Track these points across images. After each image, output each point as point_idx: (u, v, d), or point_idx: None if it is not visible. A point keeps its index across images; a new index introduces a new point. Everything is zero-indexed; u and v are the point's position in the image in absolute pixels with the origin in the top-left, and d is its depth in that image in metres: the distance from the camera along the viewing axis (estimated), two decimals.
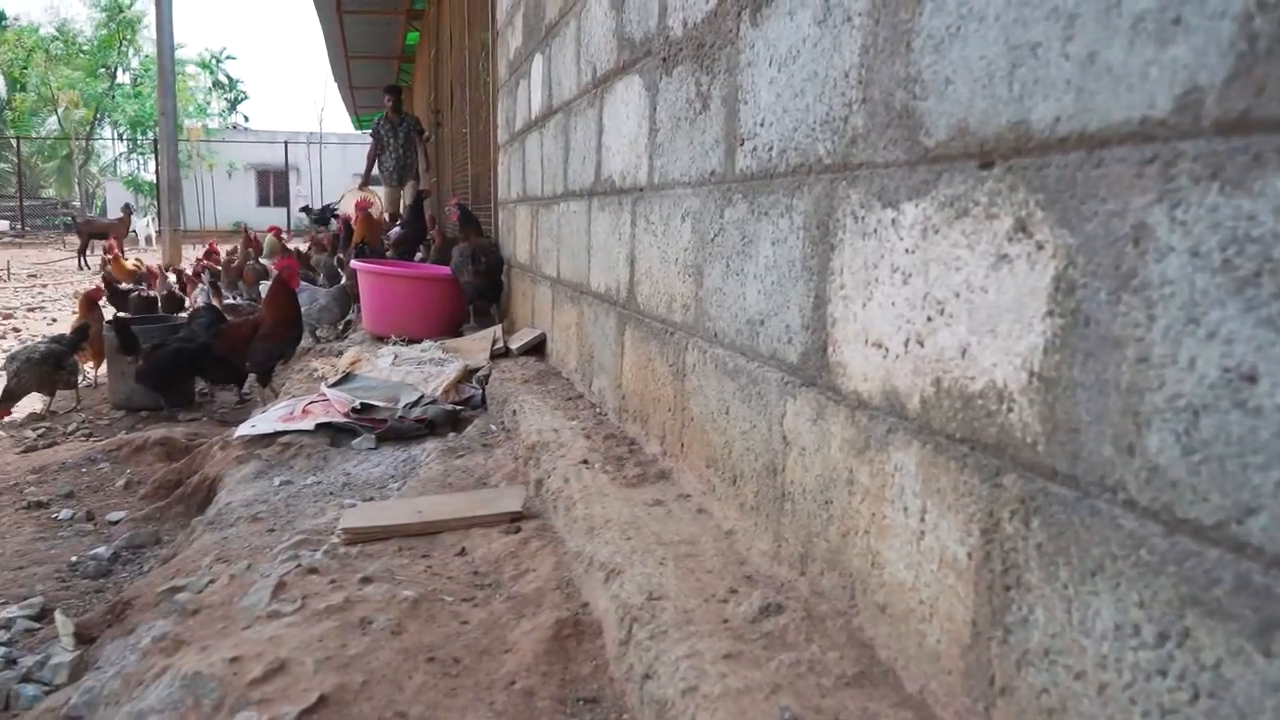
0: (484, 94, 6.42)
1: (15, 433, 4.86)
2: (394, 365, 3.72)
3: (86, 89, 33.21)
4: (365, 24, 13.72)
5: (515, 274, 4.66)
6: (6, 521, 3.28)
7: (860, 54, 1.25)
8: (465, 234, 4.91)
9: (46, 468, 3.94)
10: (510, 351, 3.94)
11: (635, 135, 2.38)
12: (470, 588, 1.77)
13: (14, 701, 1.84)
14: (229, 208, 32.69)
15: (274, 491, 2.62)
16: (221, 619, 1.72)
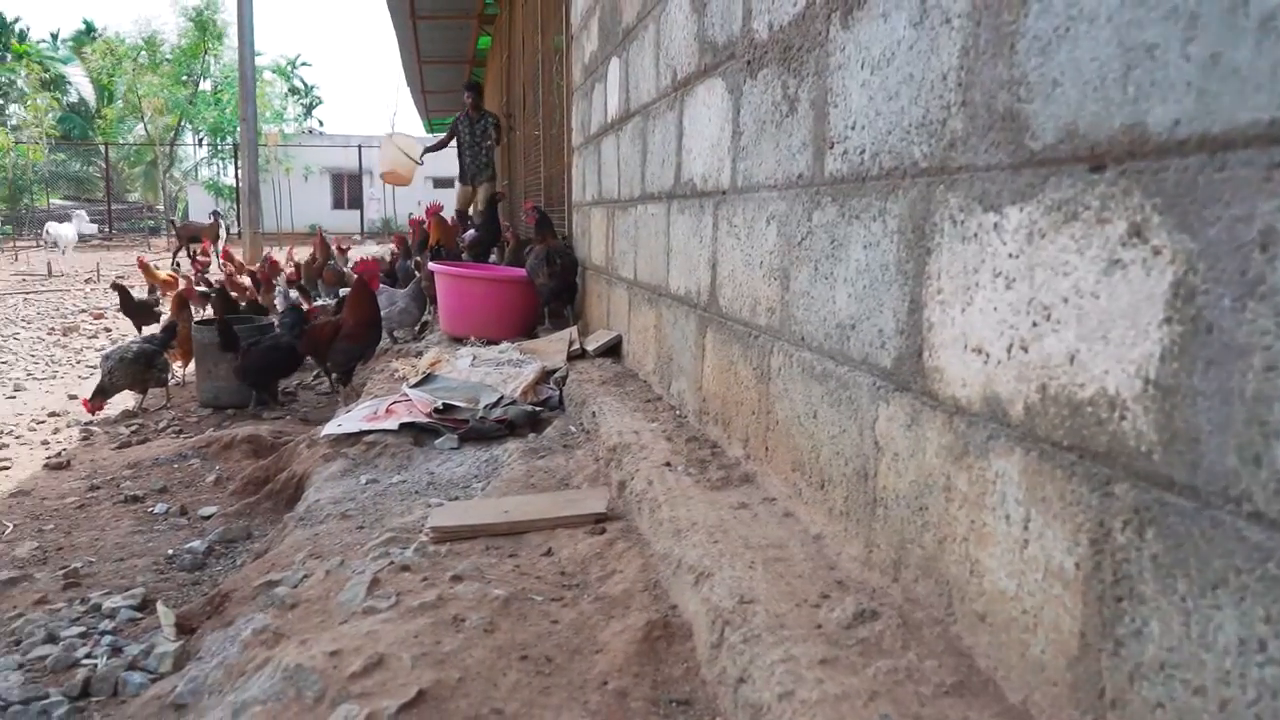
0: (557, 98, 6.48)
1: (110, 429, 5.04)
2: (473, 366, 3.78)
3: (171, 96, 34.26)
4: (438, 29, 13.94)
5: (590, 276, 4.69)
6: (106, 514, 3.41)
7: (960, 56, 1.24)
8: (541, 236, 4.96)
9: (141, 463, 4.09)
10: (586, 353, 3.97)
11: (717, 138, 2.38)
12: (558, 588, 1.80)
13: (122, 688, 1.92)
14: (305, 210, 33.44)
15: (361, 489, 2.68)
16: (319, 613, 1.77)
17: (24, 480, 4.05)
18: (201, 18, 33.90)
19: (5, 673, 1.97)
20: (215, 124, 35.20)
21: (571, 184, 5.36)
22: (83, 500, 3.64)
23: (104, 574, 2.70)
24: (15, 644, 2.19)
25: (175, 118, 34.99)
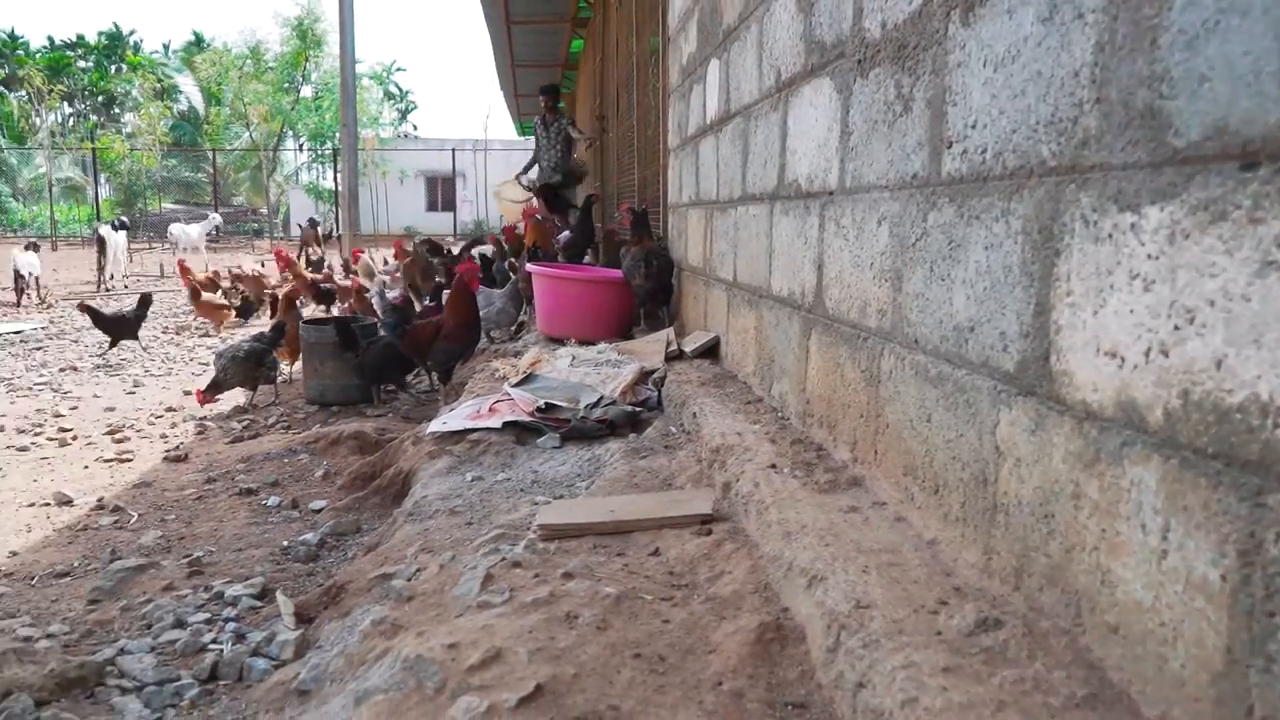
0: (652, 99, 6.51)
1: (223, 424, 5.25)
2: (572, 366, 3.82)
3: (274, 103, 35.47)
4: (532, 33, 14.13)
5: (686, 277, 4.69)
6: (223, 506, 3.55)
7: (1094, 52, 1.21)
8: (637, 237, 4.98)
9: (253, 457, 4.24)
10: (684, 354, 3.98)
11: (824, 139, 2.36)
12: (668, 587, 1.81)
13: (247, 673, 2.00)
14: (400, 213, 34.29)
15: (467, 486, 2.74)
16: (434, 606, 1.81)
17: (146, 472, 4.25)
18: (302, 27, 34.98)
19: (140, 655, 2.07)
20: (315, 129, 36.32)
21: (667, 185, 5.38)
22: (200, 492, 3.80)
23: (224, 563, 2.81)
24: (146, 628, 2.30)
25: (278, 124, 36.19)
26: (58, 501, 3.80)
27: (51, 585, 2.81)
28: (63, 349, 8.55)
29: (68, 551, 3.14)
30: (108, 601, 2.56)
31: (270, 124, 35.92)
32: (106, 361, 7.76)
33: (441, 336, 4.84)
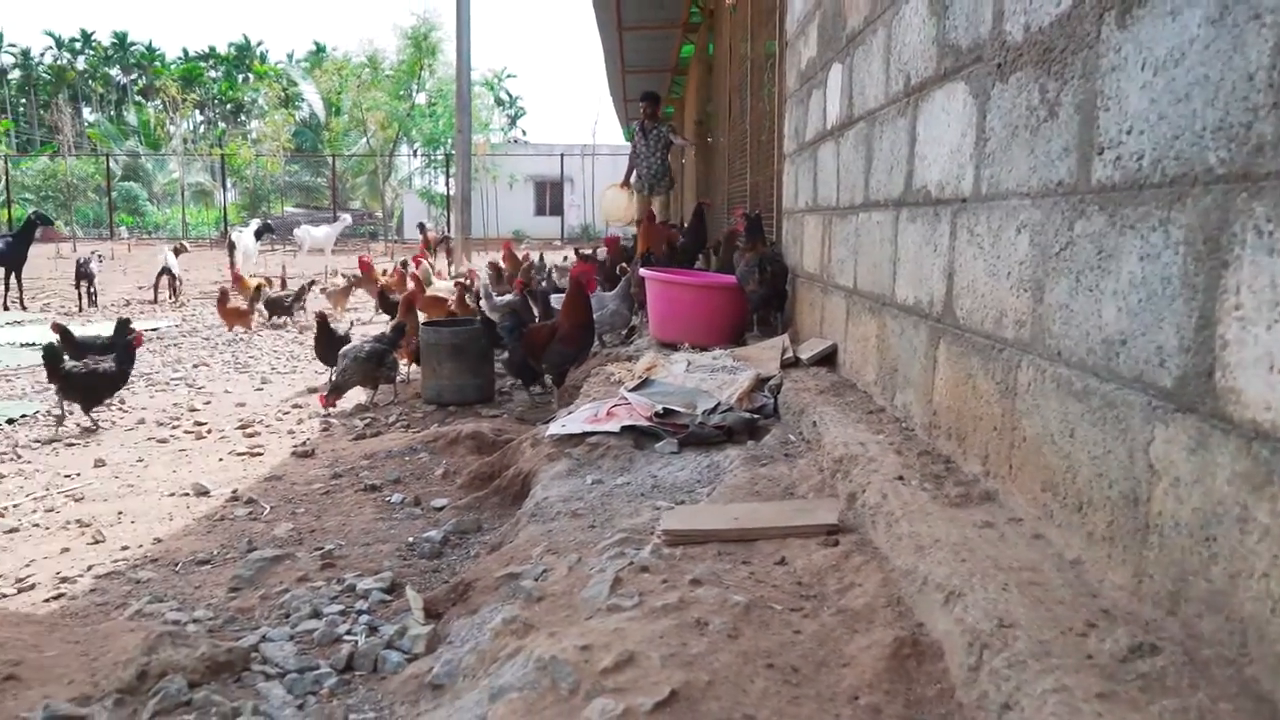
0: (767, 104, 6.48)
1: (346, 421, 5.43)
2: (688, 372, 3.83)
3: (391, 110, 36.56)
4: (643, 39, 14.22)
5: (801, 284, 4.65)
6: (349, 501, 3.67)
7: (1272, 55, 1.15)
8: (752, 243, 4.96)
9: (375, 455, 4.38)
10: (800, 361, 3.94)
11: (957, 144, 2.31)
12: (796, 598, 1.79)
13: (381, 665, 2.06)
14: (509, 217, 34.92)
15: (587, 489, 2.77)
16: (564, 607, 1.84)
17: (275, 466, 4.42)
18: (418, 36, 35.97)
19: (281, 643, 2.16)
20: (430, 135, 37.29)
21: (782, 191, 5.34)
22: (327, 487, 3.94)
23: (354, 557, 2.91)
24: (285, 617, 2.40)
25: (394, 130, 37.28)
26: (196, 492, 3.99)
27: (194, 572, 2.96)
28: (195, 346, 8.97)
29: (207, 540, 3.30)
30: (247, 590, 2.68)
31: (387, 130, 37.04)
32: (236, 358, 8.11)
33: (556, 339, 4.91)
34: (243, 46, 70.18)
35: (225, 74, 66.89)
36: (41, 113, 58.63)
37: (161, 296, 13.50)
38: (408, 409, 5.71)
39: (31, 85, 66.98)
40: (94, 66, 70.25)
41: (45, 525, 3.67)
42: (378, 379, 5.78)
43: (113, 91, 66.35)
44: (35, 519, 3.75)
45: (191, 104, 46.90)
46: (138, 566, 3.07)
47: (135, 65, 70.15)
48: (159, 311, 12.32)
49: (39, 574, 3.11)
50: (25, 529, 3.63)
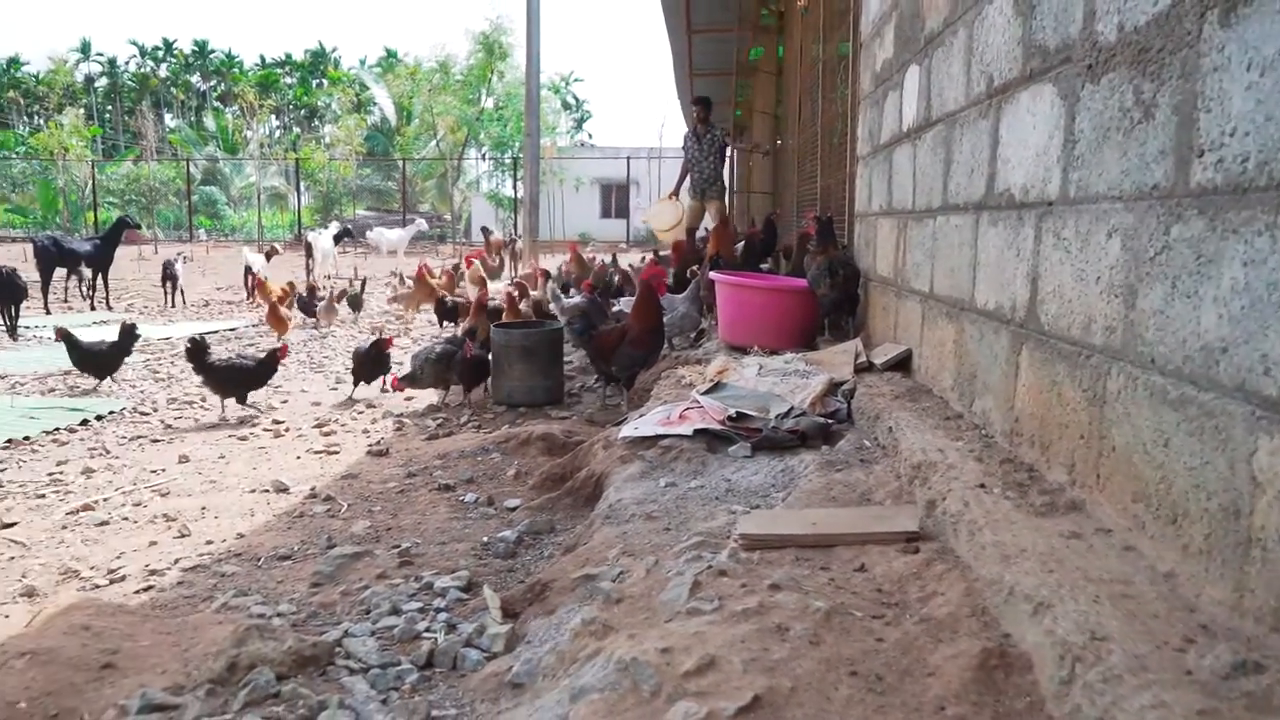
0: (840, 107, 6.43)
1: (418, 421, 5.52)
2: (760, 375, 3.81)
3: (461, 114, 37.05)
4: (712, 42, 14.20)
5: (873, 287, 4.61)
6: (424, 500, 3.73)
7: None
8: (823, 247, 4.93)
9: (448, 454, 4.44)
10: (873, 366, 3.90)
11: (1044, 147, 2.27)
12: (877, 605, 1.78)
13: (460, 662, 2.09)
14: (575, 220, 35.13)
15: (661, 492, 2.77)
16: (643, 610, 1.84)
17: (351, 464, 4.51)
18: (489, 41, 36.39)
19: (363, 638, 2.20)
20: (498, 139, 37.70)
21: (855, 194, 5.29)
22: (402, 486, 4.00)
23: (430, 555, 2.95)
24: (365, 613, 2.45)
25: (463, 134, 37.77)
26: (275, 489, 4.09)
27: (276, 567, 3.03)
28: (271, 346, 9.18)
29: (287, 536, 3.38)
30: (328, 585, 2.74)
31: (456, 134, 37.54)
32: (311, 357, 8.29)
33: (626, 341, 4.93)
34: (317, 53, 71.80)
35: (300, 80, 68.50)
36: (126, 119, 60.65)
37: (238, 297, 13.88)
38: (478, 409, 5.78)
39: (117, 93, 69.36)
40: (175, 74, 72.50)
41: (133, 519, 3.79)
42: (449, 380, 5.86)
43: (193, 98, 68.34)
44: (124, 512, 3.88)
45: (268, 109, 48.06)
46: (222, 561, 3.15)
47: (215, 72, 72.22)
48: (236, 311, 12.65)
49: (129, 566, 3.21)
50: (115, 522, 3.76)
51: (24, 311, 10.22)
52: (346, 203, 40.78)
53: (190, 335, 5.92)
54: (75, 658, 2.03)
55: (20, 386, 6.85)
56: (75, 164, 36.56)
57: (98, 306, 12.88)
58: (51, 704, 1.89)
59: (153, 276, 16.06)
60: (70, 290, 13.91)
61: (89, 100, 63.47)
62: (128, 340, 6.62)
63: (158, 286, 13.15)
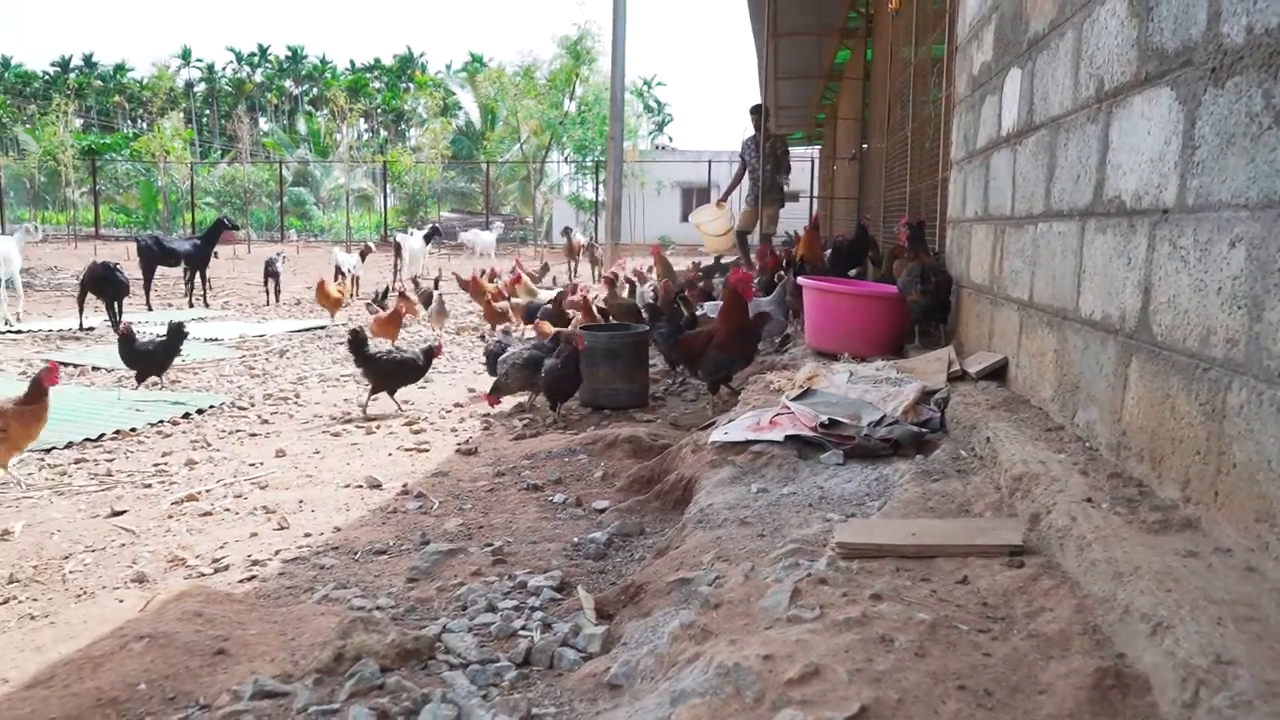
0: (931, 111, 6.33)
1: (505, 421, 5.59)
2: (850, 382, 3.77)
3: (545, 118, 37.48)
4: (797, 45, 14.09)
5: (966, 294, 4.52)
6: (513, 500, 3.78)
7: None
8: (915, 253, 4.85)
9: (535, 455, 4.48)
10: (967, 375, 3.83)
11: (1159, 153, 2.20)
12: (982, 619, 1.74)
13: (557, 662, 2.11)
14: (655, 223, 35.24)
15: (752, 498, 2.77)
16: (742, 615, 1.84)
17: (441, 462, 4.60)
18: (573, 46, 36.74)
19: (461, 634, 2.24)
20: (580, 142, 38.03)
21: (947, 199, 5.20)
22: (491, 485, 4.06)
23: (522, 554, 2.99)
24: (462, 609, 2.49)
25: (547, 137, 38.19)
26: (369, 484, 4.19)
27: (372, 561, 3.10)
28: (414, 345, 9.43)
29: (382, 531, 3.45)
30: (424, 581, 2.79)
31: (539, 137, 37.97)
32: None
33: (713, 345, 4.92)
34: (405, 58, 73.40)
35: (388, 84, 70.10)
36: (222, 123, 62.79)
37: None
38: (564, 411, 5.83)
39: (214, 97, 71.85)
40: (270, 79, 74.84)
41: (235, 510, 3.92)
42: (536, 384, 5.92)
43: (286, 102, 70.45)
44: (226, 504, 4.01)
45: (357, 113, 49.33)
46: (320, 553, 3.24)
47: (307, 77, 74.35)
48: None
49: (232, 555, 3.32)
50: (217, 513, 3.89)
51: (126, 308, 10.63)
52: (431, 204, 41.55)
53: (352, 328, 6.17)
54: (190, 643, 2.11)
55: (125, 380, 7.12)
56: (175, 166, 37.98)
57: (195, 303, 13.35)
58: (169, 687, 1.96)
59: (247, 275, 16.61)
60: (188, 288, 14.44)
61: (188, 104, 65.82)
62: (176, 339, 6.76)
63: (251, 285, 13.58)
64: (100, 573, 3.26)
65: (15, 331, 9.95)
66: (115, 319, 10.16)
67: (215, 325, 10.97)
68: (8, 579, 3.23)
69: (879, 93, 10.30)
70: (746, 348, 4.94)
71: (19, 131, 46.70)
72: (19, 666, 2.17)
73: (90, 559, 3.40)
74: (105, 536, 3.65)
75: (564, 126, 37.90)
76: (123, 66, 72.83)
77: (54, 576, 3.25)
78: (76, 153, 39.91)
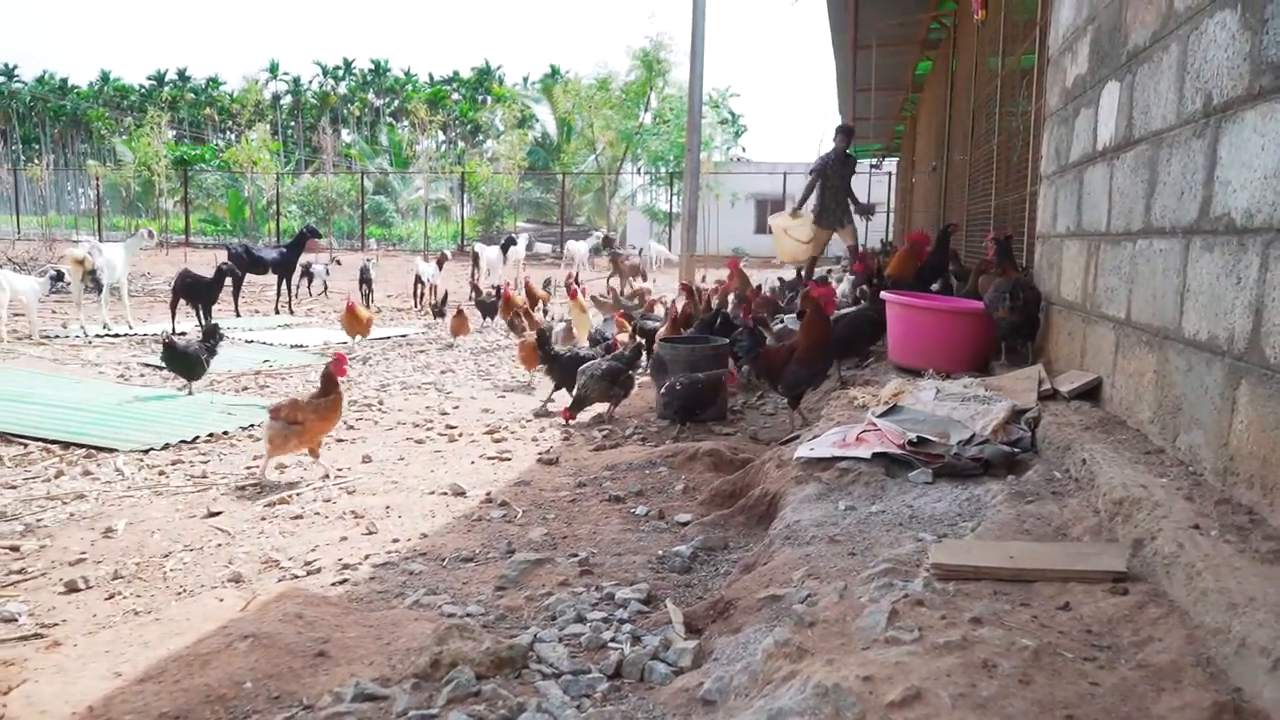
0: (1020, 124, 6.21)
1: (585, 432, 5.63)
2: (937, 400, 3.72)
3: (620, 129, 37.72)
4: (878, 57, 13.96)
5: (1057, 312, 4.43)
6: (595, 510, 3.81)
7: None
8: (1002, 269, 4.77)
9: (616, 466, 4.51)
10: (1057, 394, 3.75)
11: (1273, 169, 2.14)
12: (1087, 647, 1.70)
13: (648, 675, 2.12)
14: (729, 235, 35.16)
15: (840, 515, 2.74)
16: (838, 635, 1.83)
17: (523, 471, 4.65)
18: (649, 58, 36.91)
19: (552, 644, 2.27)
20: (656, 154, 38.16)
21: (1036, 214, 5.10)
22: (574, 495, 4.09)
23: (608, 566, 3.01)
24: (551, 619, 2.52)
25: (622, 149, 38.42)
26: (453, 492, 4.25)
27: (460, 568, 3.15)
28: (441, 353, 9.56)
29: (468, 539, 3.51)
30: (513, 590, 2.83)
31: (615, 149, 38.21)
32: (479, 366, 8.59)
33: (794, 360, 4.89)
34: (483, 71, 74.57)
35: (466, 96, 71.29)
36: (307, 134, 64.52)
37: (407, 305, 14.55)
38: (643, 423, 5.85)
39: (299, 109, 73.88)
40: (353, 91, 76.70)
41: (324, 514, 4.02)
42: (616, 395, 5.96)
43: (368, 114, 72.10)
44: (315, 507, 4.11)
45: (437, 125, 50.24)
46: (409, 559, 3.30)
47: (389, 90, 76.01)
48: (407, 318, 13.23)
49: (323, 559, 3.41)
50: (308, 516, 3.99)
51: (215, 314, 10.97)
52: (508, 215, 42.08)
53: (540, 329, 6.44)
54: (292, 644, 2.17)
55: (217, 384, 7.35)
56: (262, 175, 39.15)
57: (281, 310, 13.72)
58: (274, 686, 2.02)
59: (331, 282, 17.00)
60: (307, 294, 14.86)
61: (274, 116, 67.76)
62: (211, 340, 6.89)
63: (335, 292, 13.90)
64: (199, 571, 3.37)
65: (112, 335, 10.33)
66: (205, 324, 10.51)
67: (300, 332, 11.26)
68: (113, 575, 3.36)
69: (962, 104, 10.14)
70: (827, 363, 4.90)
71: (116, 142, 48.60)
72: (130, 660, 2.25)
73: (189, 558, 3.52)
74: (202, 536, 3.77)
75: (639, 137, 38.07)
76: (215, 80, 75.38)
77: (155, 574, 3.37)
78: (169, 163, 41.41)
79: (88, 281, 10.73)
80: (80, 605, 3.13)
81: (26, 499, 4.37)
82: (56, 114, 70.81)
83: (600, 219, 40.03)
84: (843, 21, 12.22)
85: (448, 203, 42.92)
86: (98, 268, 10.50)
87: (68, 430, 5.44)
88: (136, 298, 15.39)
